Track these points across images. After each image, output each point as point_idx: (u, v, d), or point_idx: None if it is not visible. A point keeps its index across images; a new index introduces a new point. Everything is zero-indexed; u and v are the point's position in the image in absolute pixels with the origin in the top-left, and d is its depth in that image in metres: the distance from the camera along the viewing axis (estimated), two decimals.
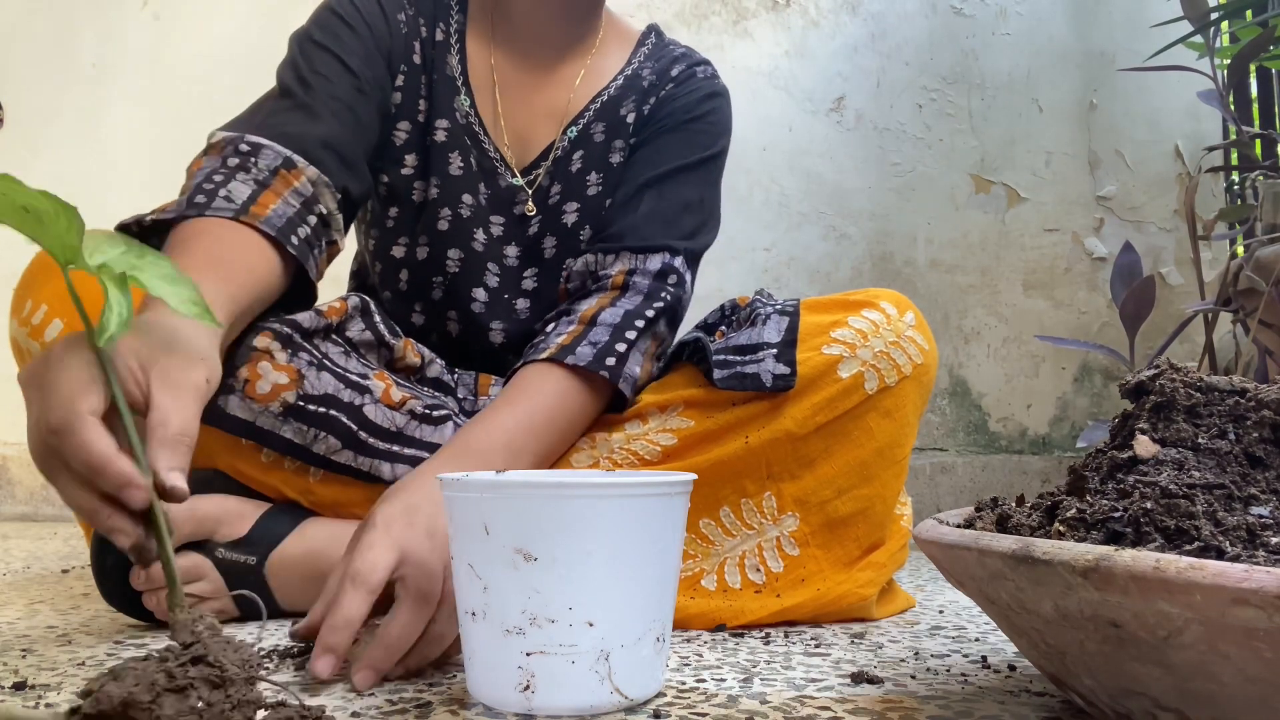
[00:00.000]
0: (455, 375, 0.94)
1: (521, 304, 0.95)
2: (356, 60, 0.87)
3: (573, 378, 0.78)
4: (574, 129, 0.95)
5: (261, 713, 0.41)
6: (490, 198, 0.94)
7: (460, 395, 0.93)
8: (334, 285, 1.21)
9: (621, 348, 0.80)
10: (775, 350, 0.79)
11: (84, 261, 0.49)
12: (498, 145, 0.94)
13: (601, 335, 0.81)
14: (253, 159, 0.77)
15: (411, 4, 0.93)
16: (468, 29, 0.95)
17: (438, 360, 0.92)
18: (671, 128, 0.94)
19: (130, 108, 1.94)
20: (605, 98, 0.96)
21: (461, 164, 0.93)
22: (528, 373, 0.79)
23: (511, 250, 0.95)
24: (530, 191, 0.95)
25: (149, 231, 0.74)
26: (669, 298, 0.85)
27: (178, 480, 0.51)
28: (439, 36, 0.94)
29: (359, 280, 1.05)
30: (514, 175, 0.95)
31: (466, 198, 0.92)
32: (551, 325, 0.85)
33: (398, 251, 0.94)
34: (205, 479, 0.78)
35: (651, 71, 0.98)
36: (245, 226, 0.73)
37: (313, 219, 0.79)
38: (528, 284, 0.95)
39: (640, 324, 0.83)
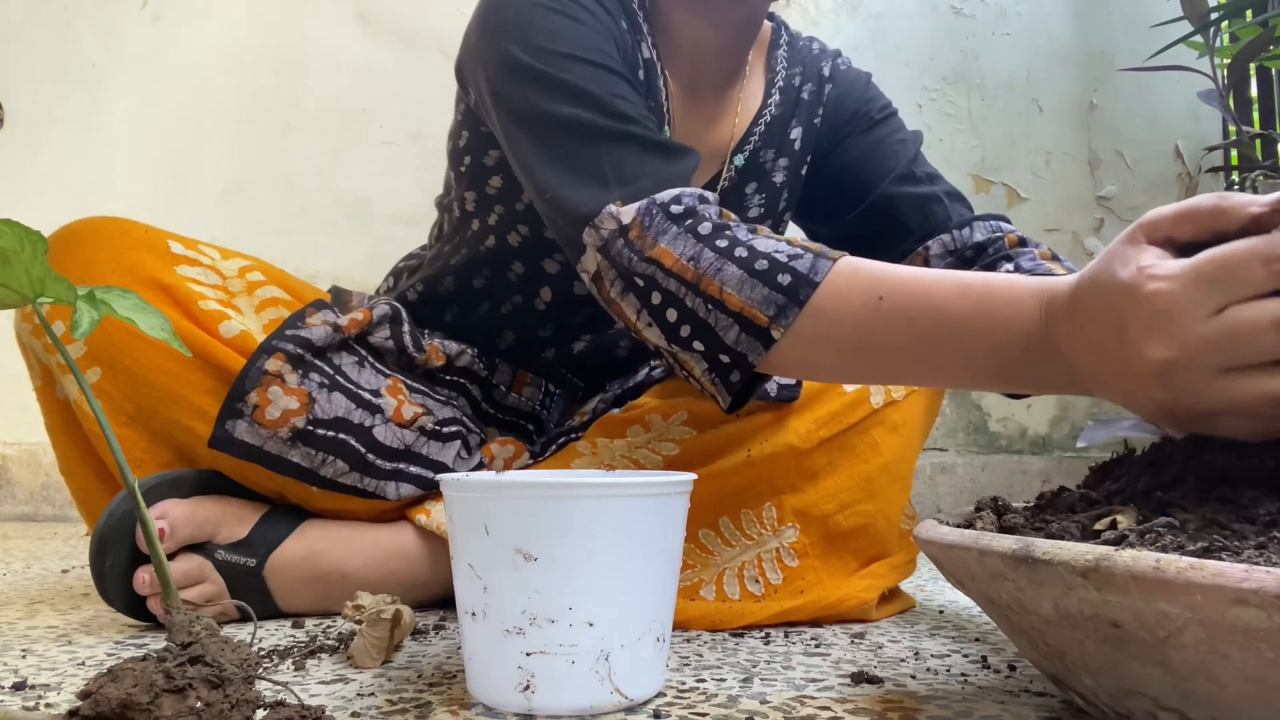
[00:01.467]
0: (495, 362, 0.93)
1: None
2: (616, 62, 0.75)
3: None
4: (741, 156, 0.91)
5: (260, 712, 0.41)
6: None
7: (495, 381, 0.92)
8: (349, 287, 1.20)
9: None
10: None
11: (53, 289, 0.46)
12: None
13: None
14: (710, 210, 0.66)
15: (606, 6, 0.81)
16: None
17: (468, 350, 0.91)
18: (866, 128, 0.94)
19: (130, 108, 1.94)
20: (768, 117, 0.92)
21: None
22: None
23: None
24: None
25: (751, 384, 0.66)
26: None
27: None
28: (636, 50, 0.85)
29: (429, 289, 0.95)
30: None
31: None
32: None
33: (550, 266, 0.88)
34: (205, 480, 0.78)
35: (801, 78, 0.94)
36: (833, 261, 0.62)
37: None
38: None
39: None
